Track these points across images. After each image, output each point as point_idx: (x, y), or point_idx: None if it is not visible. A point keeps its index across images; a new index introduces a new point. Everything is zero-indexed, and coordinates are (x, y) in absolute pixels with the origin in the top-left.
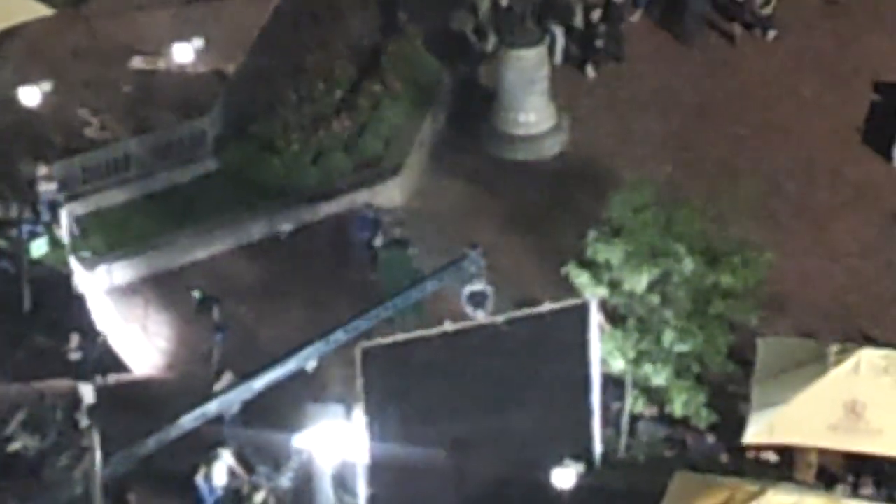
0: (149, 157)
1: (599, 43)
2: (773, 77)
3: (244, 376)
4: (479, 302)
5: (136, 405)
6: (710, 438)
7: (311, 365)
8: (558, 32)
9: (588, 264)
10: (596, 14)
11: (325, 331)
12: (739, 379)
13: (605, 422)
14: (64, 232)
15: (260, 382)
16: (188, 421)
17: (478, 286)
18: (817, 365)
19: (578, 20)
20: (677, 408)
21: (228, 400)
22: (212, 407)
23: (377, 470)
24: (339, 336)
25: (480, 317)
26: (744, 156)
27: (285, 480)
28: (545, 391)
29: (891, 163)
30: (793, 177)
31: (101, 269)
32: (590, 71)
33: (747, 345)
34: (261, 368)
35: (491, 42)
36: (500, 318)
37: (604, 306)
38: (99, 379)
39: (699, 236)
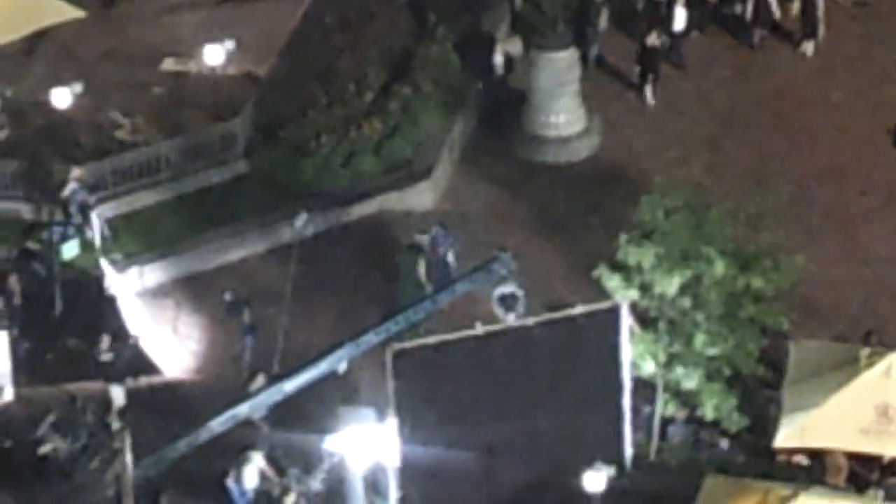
0: (180, 160)
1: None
2: (803, 81)
3: (274, 378)
4: (510, 305)
5: (166, 407)
6: (740, 442)
7: (342, 367)
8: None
9: (619, 267)
10: (653, 38)
11: (355, 333)
12: (771, 382)
13: (636, 425)
14: (95, 234)
15: (291, 385)
16: (218, 424)
17: (509, 289)
18: (848, 368)
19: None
20: (708, 411)
21: (259, 402)
22: (243, 409)
23: (408, 473)
24: (370, 338)
25: (511, 320)
26: (774, 160)
27: (316, 483)
28: (576, 394)
29: None
30: (823, 181)
31: (133, 271)
32: (649, 97)
33: (778, 348)
34: (291, 370)
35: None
36: (531, 321)
37: (635, 309)
38: (130, 381)
39: (730, 239)
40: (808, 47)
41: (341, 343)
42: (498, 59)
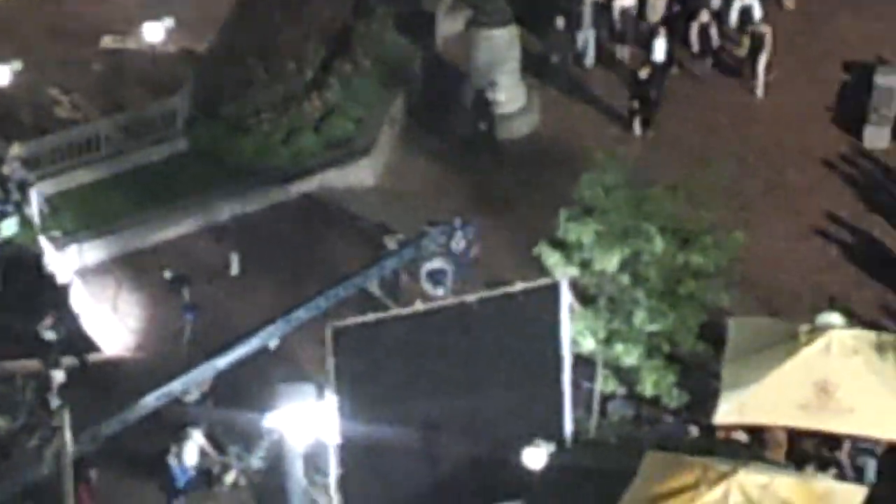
0: (119, 137)
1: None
2: (743, 58)
3: (207, 355)
4: (438, 280)
5: (106, 385)
6: (680, 418)
7: (273, 343)
8: (590, 36)
9: (559, 244)
10: (644, 72)
11: (286, 309)
12: (710, 359)
13: (576, 402)
14: (34, 211)
15: (223, 361)
16: (152, 400)
17: (437, 264)
18: (788, 345)
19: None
20: (648, 387)
21: (191, 379)
22: (175, 386)
23: (348, 450)
24: (300, 314)
25: (440, 294)
26: (714, 136)
27: (256, 460)
28: (516, 371)
29: (861, 143)
30: (762, 157)
31: (72, 248)
32: (636, 128)
33: (718, 325)
34: (223, 346)
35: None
36: (471, 298)
37: (575, 286)
38: (70, 359)
39: (670, 216)
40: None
41: (272, 319)
42: (489, 95)
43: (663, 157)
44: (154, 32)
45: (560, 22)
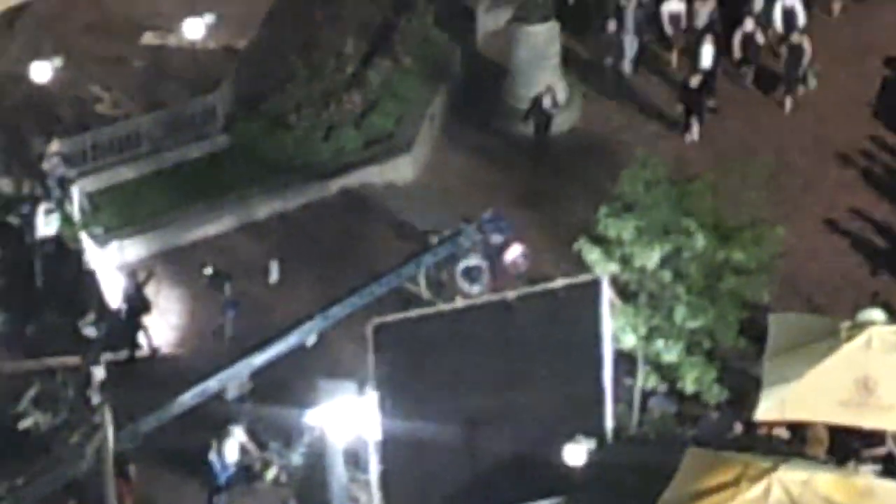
0: (160, 134)
1: (712, 103)
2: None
3: (244, 352)
4: (474, 277)
5: (147, 381)
6: (722, 414)
7: (310, 340)
8: (629, 42)
9: (599, 240)
10: (695, 81)
11: (322, 306)
12: (751, 355)
13: (617, 398)
14: (75, 208)
15: (260, 358)
16: (190, 397)
17: (473, 261)
18: (829, 341)
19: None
20: (689, 384)
21: (229, 376)
22: (212, 383)
23: (389, 446)
24: (337, 311)
25: (476, 292)
26: (755, 132)
27: (297, 457)
28: (557, 367)
29: None
30: (804, 153)
31: (113, 245)
32: (693, 135)
33: (759, 321)
34: (260, 344)
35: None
36: (511, 294)
37: (615, 282)
38: (111, 355)
39: (710, 212)
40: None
41: (309, 316)
42: (546, 102)
43: (704, 154)
44: (195, 29)
45: (612, 25)
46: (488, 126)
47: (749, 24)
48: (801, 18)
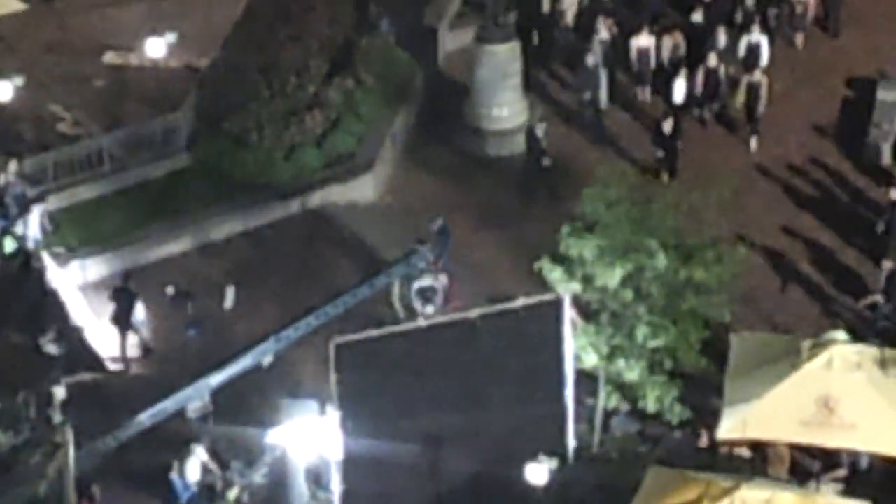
0: (121, 153)
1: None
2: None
3: (200, 373)
4: (428, 297)
5: (109, 401)
6: (684, 433)
7: (266, 360)
8: (603, 75)
9: (561, 259)
10: (667, 125)
11: (277, 328)
12: (712, 374)
13: (579, 417)
14: (33, 228)
15: (216, 378)
16: (146, 417)
17: (427, 281)
18: (790, 360)
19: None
20: (650, 403)
21: (186, 396)
22: (168, 404)
23: (351, 465)
24: (290, 333)
25: (430, 312)
26: (717, 152)
27: (259, 476)
28: (519, 387)
29: (861, 157)
30: (765, 173)
31: (74, 264)
32: (664, 178)
33: (720, 340)
34: (217, 364)
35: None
36: (473, 313)
37: (577, 302)
38: (71, 376)
39: (672, 232)
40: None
41: (265, 337)
42: (539, 132)
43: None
44: (156, 48)
45: (591, 59)
46: (450, 145)
47: (712, 60)
48: (765, 56)
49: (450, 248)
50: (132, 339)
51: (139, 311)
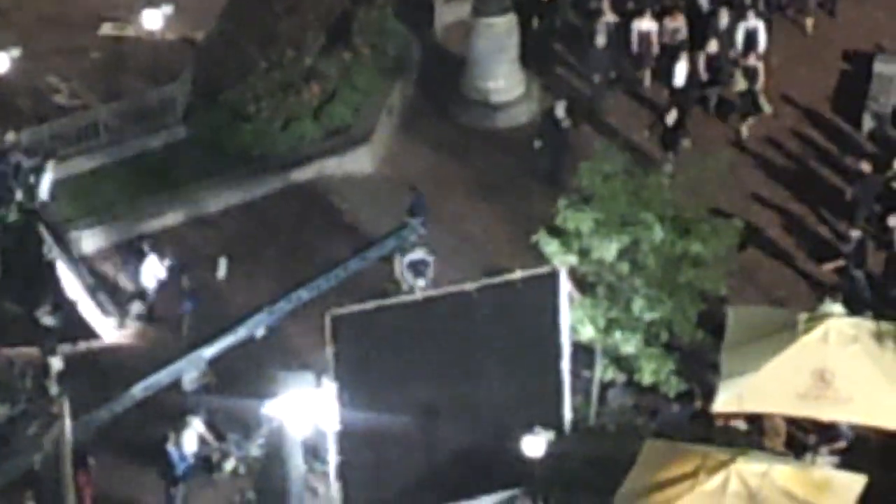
0: (118, 124)
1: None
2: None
3: (193, 345)
4: (419, 271)
5: (105, 372)
6: (680, 406)
7: (259, 332)
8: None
9: (558, 232)
10: (671, 118)
11: (270, 300)
12: (709, 347)
13: (575, 390)
14: (37, 196)
15: (209, 350)
16: (138, 391)
17: (418, 255)
18: (786, 333)
19: None
20: (646, 375)
21: (178, 369)
22: (162, 376)
23: (347, 437)
24: (283, 305)
25: (421, 285)
26: (715, 125)
27: (255, 448)
28: (515, 359)
29: (860, 130)
30: (764, 147)
31: (71, 235)
32: (668, 168)
33: (717, 313)
34: (210, 337)
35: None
36: (470, 286)
37: (573, 274)
38: (69, 346)
39: (669, 204)
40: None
41: (256, 310)
42: (559, 112)
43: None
44: (153, 20)
45: (601, 40)
46: (447, 117)
47: (714, 45)
48: (763, 41)
49: (425, 223)
50: (139, 305)
51: (153, 276)
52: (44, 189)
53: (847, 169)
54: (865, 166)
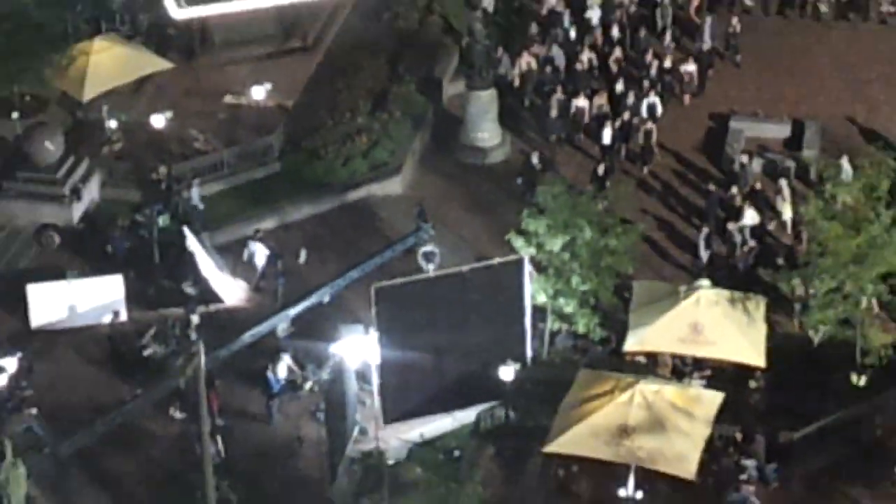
0: (235, 162)
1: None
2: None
3: (281, 307)
4: (430, 258)
5: (225, 325)
6: (602, 347)
7: (326, 299)
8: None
9: (523, 233)
10: (601, 169)
11: (333, 277)
12: (621, 308)
13: (534, 336)
14: (197, 199)
15: (293, 311)
16: (246, 337)
17: (429, 248)
18: (671, 299)
19: None
20: (580, 327)
21: (272, 323)
22: (262, 328)
23: (384, 367)
24: (339, 282)
25: (430, 268)
26: (625, 166)
27: (325, 374)
28: (494, 316)
29: (718, 166)
30: (657, 177)
31: (204, 235)
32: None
33: (626, 286)
34: (292, 301)
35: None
36: (465, 268)
37: (533, 261)
38: (202, 307)
39: (595, 214)
40: (645, 169)
41: (322, 284)
42: (534, 159)
43: (588, 175)
44: (259, 93)
45: (554, 112)
46: (451, 157)
47: (626, 115)
48: (659, 111)
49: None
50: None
51: (262, 256)
52: (193, 201)
53: (707, 191)
54: (712, 187)
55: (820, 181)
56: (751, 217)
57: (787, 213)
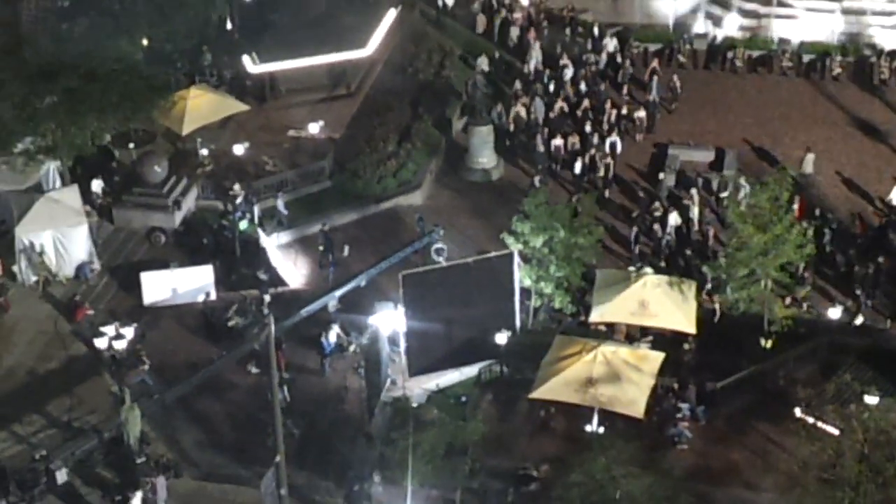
0: (297, 180)
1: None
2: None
3: (331, 289)
4: (440, 253)
5: (301, 303)
6: (573, 320)
7: (363, 283)
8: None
9: (513, 233)
10: (574, 199)
11: (366, 269)
12: (587, 289)
13: (522, 311)
14: (255, 217)
15: (339, 292)
16: (304, 312)
17: (440, 245)
18: (625, 283)
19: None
20: (557, 303)
21: (323, 301)
22: (315, 305)
23: (409, 334)
24: (372, 271)
25: (441, 261)
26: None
27: (365, 339)
28: (492, 295)
29: (657, 182)
30: (615, 193)
31: (274, 235)
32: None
33: (592, 273)
34: (338, 285)
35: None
36: (469, 259)
37: (521, 254)
38: (272, 289)
39: (568, 219)
40: (607, 192)
41: (361, 272)
42: (537, 182)
43: (566, 193)
44: (314, 128)
45: (540, 147)
46: (459, 176)
47: (593, 151)
48: (619, 148)
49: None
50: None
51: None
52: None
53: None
54: (642, 195)
55: (736, 192)
56: (674, 219)
57: (694, 213)
